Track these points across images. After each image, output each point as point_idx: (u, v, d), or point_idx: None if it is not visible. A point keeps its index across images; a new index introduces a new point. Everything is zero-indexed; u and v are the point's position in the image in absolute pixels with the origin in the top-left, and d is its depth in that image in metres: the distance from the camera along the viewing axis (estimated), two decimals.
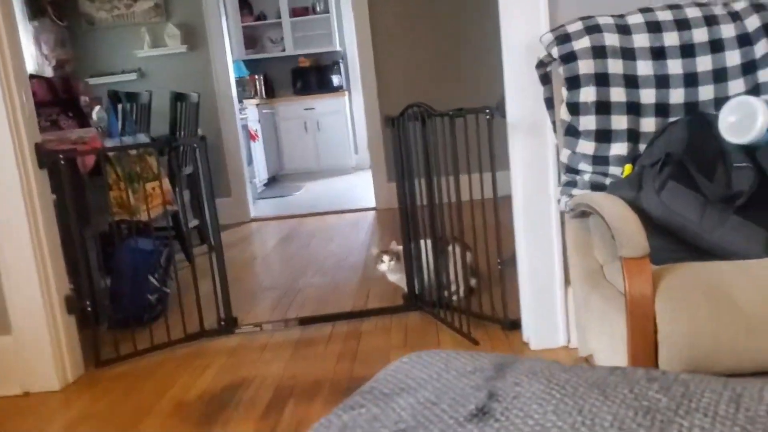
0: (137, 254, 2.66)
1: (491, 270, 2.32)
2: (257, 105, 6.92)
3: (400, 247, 2.67)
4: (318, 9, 7.61)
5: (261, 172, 6.67)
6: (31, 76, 2.47)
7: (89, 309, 2.25)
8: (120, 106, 3.01)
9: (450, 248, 2.55)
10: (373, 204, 5.22)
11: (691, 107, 1.65)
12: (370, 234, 4.40)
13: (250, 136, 6.25)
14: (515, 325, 2.24)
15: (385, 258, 2.64)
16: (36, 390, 2.20)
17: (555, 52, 1.76)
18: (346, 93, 7.69)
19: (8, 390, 2.19)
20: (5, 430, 1.97)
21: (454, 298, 2.56)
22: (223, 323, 2.55)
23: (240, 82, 7.01)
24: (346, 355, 2.27)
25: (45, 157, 2.09)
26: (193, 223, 3.99)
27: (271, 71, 7.65)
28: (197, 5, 4.83)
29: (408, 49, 4.81)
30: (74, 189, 2.29)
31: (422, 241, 2.62)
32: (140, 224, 2.78)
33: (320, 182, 7.13)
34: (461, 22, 4.69)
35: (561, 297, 2.08)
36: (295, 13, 7.59)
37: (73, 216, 2.23)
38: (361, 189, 6.25)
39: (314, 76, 7.63)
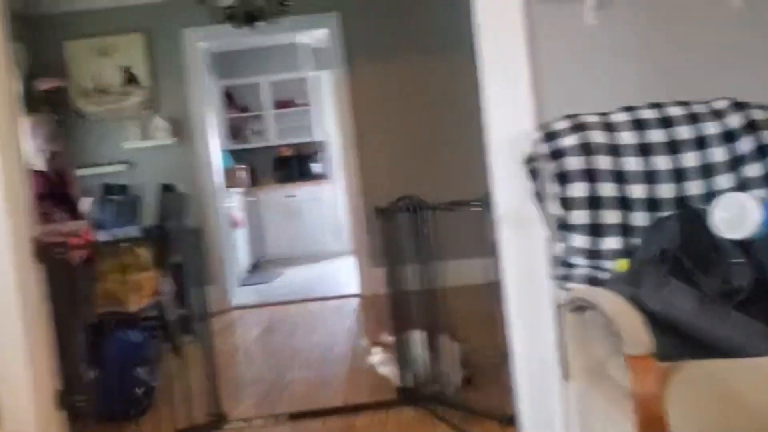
0: (126, 347, 2.60)
1: (487, 362, 2.31)
2: (240, 193, 6.99)
3: (391, 339, 2.65)
4: (300, 101, 7.84)
5: (243, 258, 6.65)
6: None
7: (79, 404, 2.18)
8: (111, 199, 3.03)
9: (442, 339, 2.54)
10: (356, 290, 5.20)
11: (681, 202, 1.71)
12: (355, 321, 4.37)
13: (234, 224, 6.26)
14: (512, 420, 2.20)
15: (376, 350, 2.62)
16: None
17: (543, 148, 1.83)
18: (327, 180, 7.82)
19: None
20: None
21: (449, 390, 2.52)
22: (211, 418, 2.47)
23: (224, 172, 7.09)
24: None
25: (41, 251, 2.08)
26: (177, 313, 3.92)
27: (255, 160, 7.77)
28: (185, 99, 4.96)
29: (390, 136, 4.93)
30: (66, 282, 2.27)
31: (414, 332, 2.61)
32: (128, 315, 2.74)
33: (302, 268, 7.10)
34: (443, 111, 4.86)
35: (558, 391, 2.07)
36: (278, 105, 7.81)
37: (66, 309, 2.20)
38: (343, 274, 6.23)
39: (296, 165, 7.77)
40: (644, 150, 1.78)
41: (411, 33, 4.88)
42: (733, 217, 1.53)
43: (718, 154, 1.75)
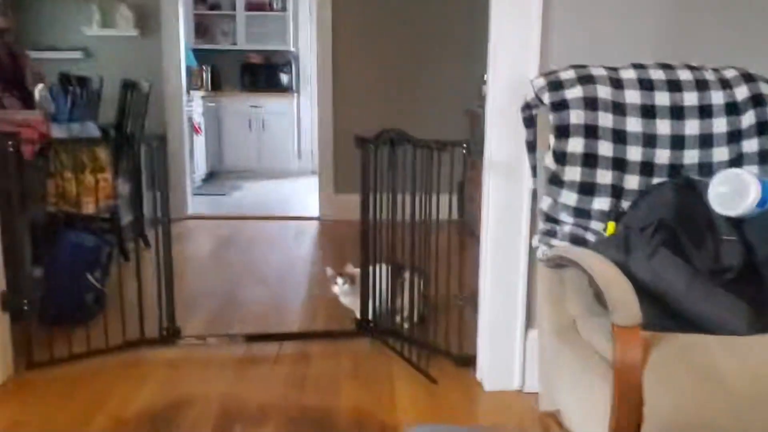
0: (78, 249, 2.48)
1: (446, 301, 2.30)
2: (202, 97, 6.69)
3: (356, 270, 2.60)
4: (275, 6, 7.45)
5: (200, 167, 6.45)
6: None
7: (25, 307, 2.08)
8: (70, 90, 2.81)
9: (406, 274, 2.52)
10: (316, 214, 5.11)
11: (676, 169, 1.67)
12: (314, 246, 4.32)
13: (194, 129, 6.03)
14: (468, 361, 2.22)
15: (340, 280, 2.57)
16: None
17: (546, 97, 1.75)
18: (295, 95, 7.56)
19: None
20: None
21: (405, 325, 2.52)
22: (164, 332, 2.41)
23: (187, 72, 6.76)
24: (295, 380, 2.18)
25: None
26: (129, 218, 3.77)
27: (220, 63, 7.42)
28: None
29: (369, 56, 4.72)
30: (16, 176, 2.11)
31: (378, 266, 2.57)
32: (80, 217, 2.60)
33: (260, 183, 6.95)
34: (429, 39, 4.67)
35: (520, 340, 2.08)
36: (250, 7, 7.40)
37: (15, 206, 2.05)
38: (303, 195, 6.13)
39: (264, 74, 7.45)
40: (647, 112, 1.72)
41: None
42: (729, 193, 1.50)
43: (720, 125, 1.71)
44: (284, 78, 7.49)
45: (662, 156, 1.70)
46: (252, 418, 1.93)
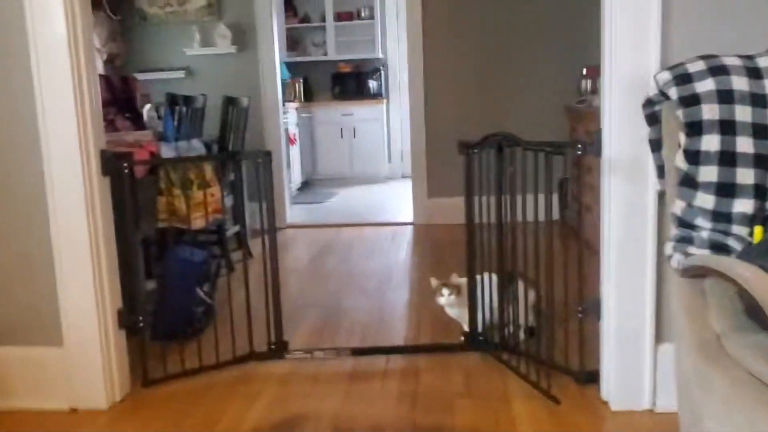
0: (187, 264, 2.53)
1: (561, 311, 2.16)
2: (296, 109, 6.81)
3: (462, 280, 2.51)
4: (363, 15, 7.49)
5: (296, 176, 6.56)
6: None
7: (141, 324, 2.13)
8: (176, 110, 2.89)
9: (517, 284, 2.40)
10: (410, 218, 5.06)
11: None
12: (411, 252, 4.26)
13: (289, 140, 6.13)
14: (591, 378, 2.07)
15: (445, 291, 2.49)
16: (83, 407, 2.09)
17: (673, 92, 1.60)
18: (385, 101, 7.57)
19: (55, 404, 2.09)
20: None
21: (521, 335, 2.40)
22: (272, 346, 2.41)
23: (282, 85, 6.91)
24: (406, 397, 2.12)
25: (109, 164, 1.97)
26: (233, 230, 3.86)
27: (311, 74, 7.54)
28: (248, 6, 4.73)
29: (460, 57, 4.62)
30: (130, 195, 2.17)
31: (486, 275, 2.47)
32: (188, 232, 2.66)
33: (353, 189, 7.00)
34: (522, 35, 4.52)
35: (650, 354, 1.92)
36: (339, 17, 7.48)
37: (130, 226, 2.11)
38: (396, 200, 6.10)
39: (353, 82, 7.51)
40: None
41: None
42: None
43: None
44: (373, 85, 7.52)
45: None
46: None
